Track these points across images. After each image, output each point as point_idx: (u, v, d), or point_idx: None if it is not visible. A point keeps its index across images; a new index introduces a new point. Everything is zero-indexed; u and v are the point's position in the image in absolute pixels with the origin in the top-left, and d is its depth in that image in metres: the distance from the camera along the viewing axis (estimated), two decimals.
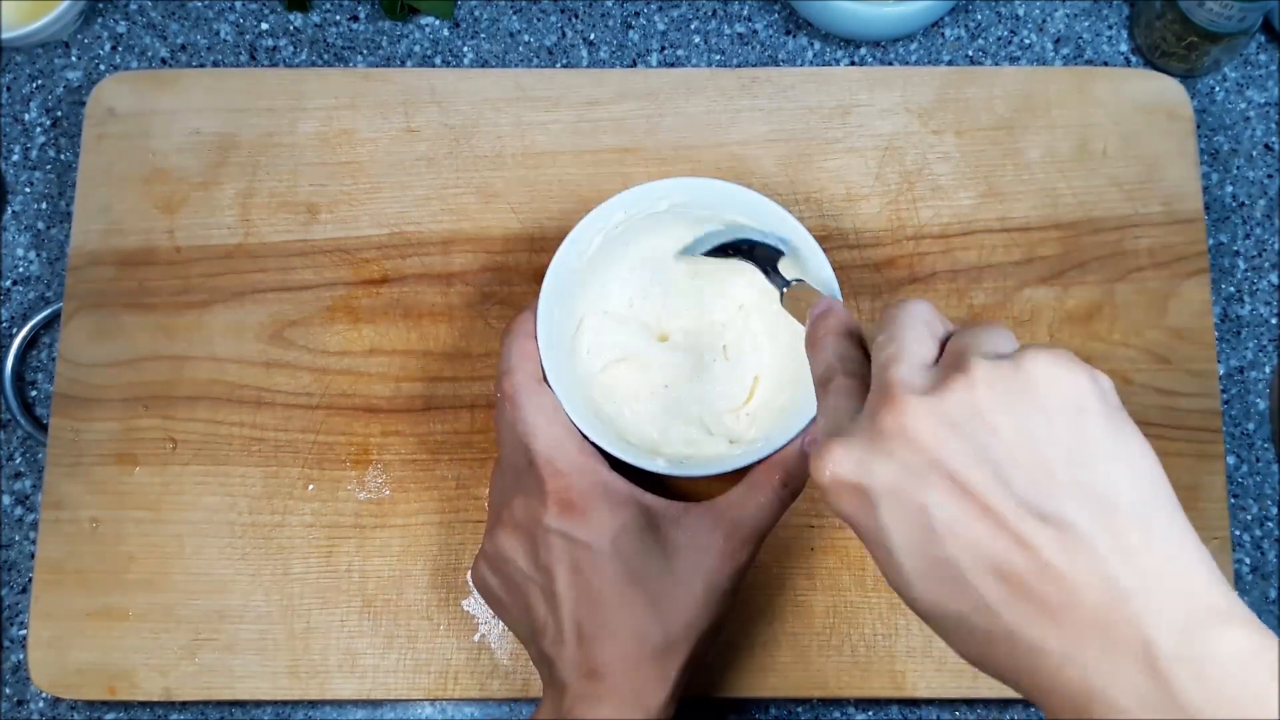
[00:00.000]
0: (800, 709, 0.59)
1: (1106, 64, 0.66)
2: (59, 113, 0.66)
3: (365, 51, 0.66)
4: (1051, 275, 0.60)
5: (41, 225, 0.64)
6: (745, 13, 0.67)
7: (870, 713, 0.59)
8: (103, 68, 0.66)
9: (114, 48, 0.66)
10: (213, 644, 0.56)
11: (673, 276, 0.55)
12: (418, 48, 0.67)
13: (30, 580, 0.58)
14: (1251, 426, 0.62)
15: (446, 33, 0.67)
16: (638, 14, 0.67)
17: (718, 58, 0.66)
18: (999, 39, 0.67)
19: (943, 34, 0.67)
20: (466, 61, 0.66)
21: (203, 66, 0.66)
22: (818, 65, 0.66)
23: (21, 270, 0.64)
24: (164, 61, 0.66)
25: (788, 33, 0.67)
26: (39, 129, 0.65)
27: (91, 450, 0.58)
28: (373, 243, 0.61)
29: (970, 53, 0.67)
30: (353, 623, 0.56)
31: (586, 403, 0.52)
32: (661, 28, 0.67)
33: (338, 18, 0.67)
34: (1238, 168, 0.65)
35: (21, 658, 0.59)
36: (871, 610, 0.56)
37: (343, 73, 0.63)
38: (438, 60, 0.66)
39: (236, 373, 0.59)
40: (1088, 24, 0.67)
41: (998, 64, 0.66)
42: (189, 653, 0.56)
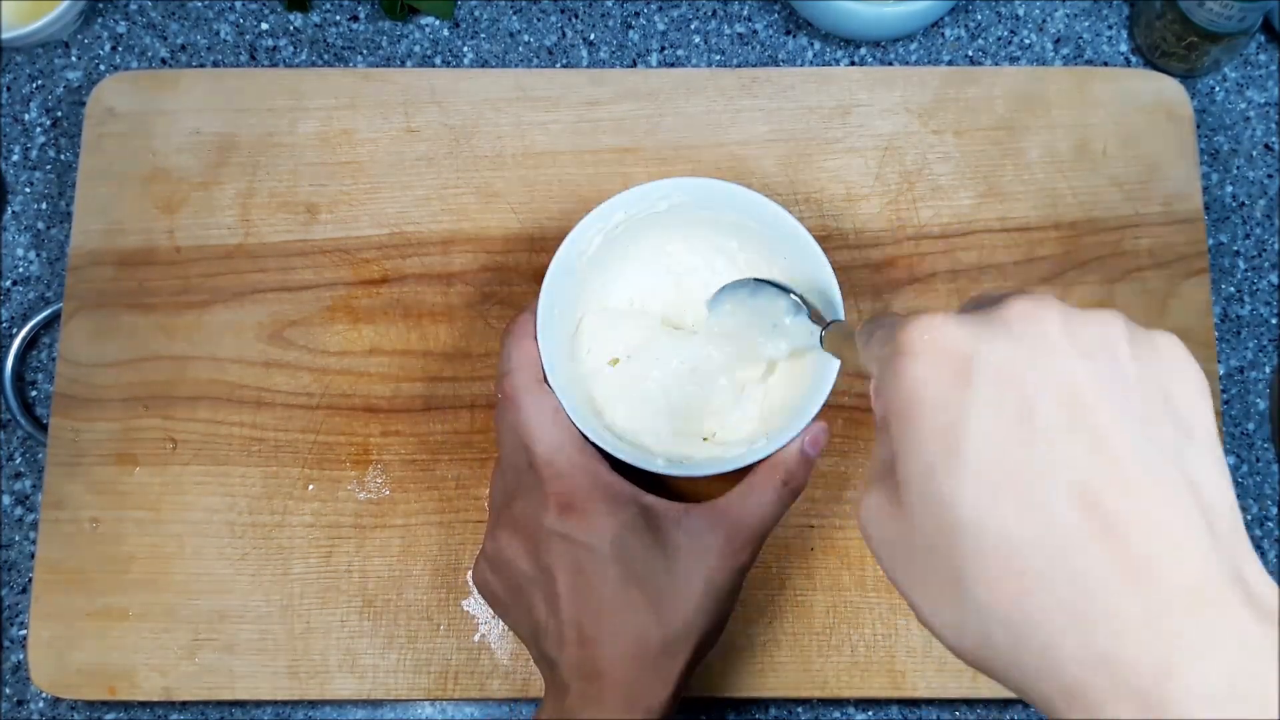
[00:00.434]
0: (800, 709, 0.59)
1: (1106, 64, 0.66)
2: (59, 113, 0.66)
3: (365, 51, 0.66)
4: (1051, 275, 0.60)
5: (41, 225, 0.64)
6: (745, 13, 0.67)
7: (870, 713, 0.59)
8: (103, 68, 0.66)
9: (114, 48, 0.66)
10: (213, 644, 0.56)
11: (675, 276, 0.55)
12: (418, 48, 0.66)
13: (30, 580, 0.58)
14: (1251, 426, 0.62)
15: (446, 33, 0.67)
16: (638, 14, 0.67)
17: (718, 58, 0.66)
18: (999, 39, 0.67)
19: (943, 34, 0.67)
20: (466, 61, 0.66)
21: (203, 66, 0.66)
22: (818, 65, 0.66)
23: (21, 270, 0.64)
24: (164, 61, 0.66)
25: (788, 33, 0.67)
26: (39, 129, 0.65)
27: (91, 450, 0.58)
28: (373, 243, 0.61)
29: (970, 53, 0.67)
30: (353, 623, 0.56)
31: (586, 403, 0.52)
32: (661, 28, 0.67)
33: (338, 18, 0.67)
34: (1238, 168, 0.65)
35: (21, 658, 0.59)
36: (871, 610, 0.56)
37: (343, 73, 0.63)
38: (438, 60, 0.66)
39: (236, 373, 0.59)
40: (1088, 24, 0.67)
41: (998, 64, 0.66)
42: (189, 653, 0.56)
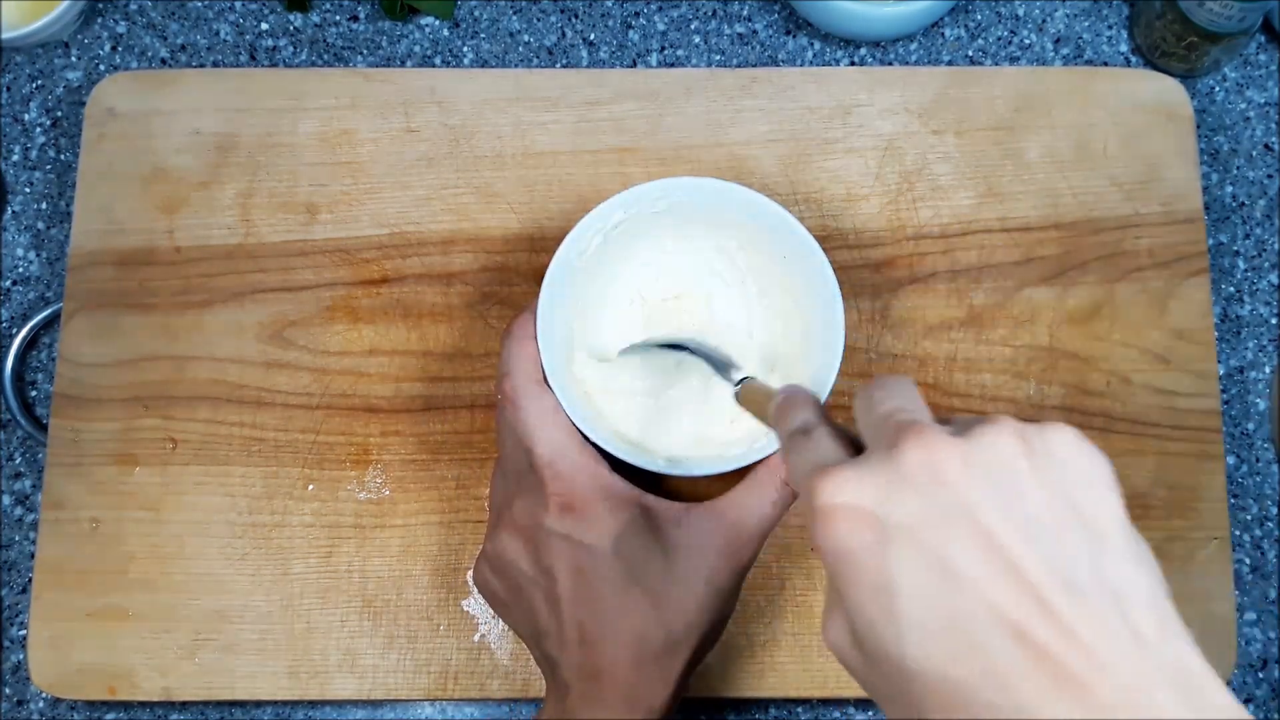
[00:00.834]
0: (800, 709, 0.59)
1: (1106, 64, 0.66)
2: (59, 113, 0.66)
3: (365, 51, 0.66)
4: (1051, 275, 0.60)
5: (41, 225, 0.64)
6: (745, 13, 0.67)
7: (870, 713, 0.59)
8: (103, 68, 0.66)
9: (114, 48, 0.66)
10: (213, 644, 0.56)
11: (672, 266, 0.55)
12: (418, 48, 0.66)
13: (30, 580, 0.58)
14: (1251, 426, 0.62)
15: (446, 33, 0.67)
16: (638, 14, 0.67)
17: (718, 58, 0.66)
18: (999, 39, 0.67)
19: (943, 34, 0.67)
20: (466, 61, 0.66)
21: (203, 66, 0.66)
22: (818, 65, 0.66)
23: (21, 270, 0.64)
24: (164, 61, 0.66)
25: (788, 33, 0.67)
26: (39, 129, 0.65)
27: (91, 450, 0.58)
28: (373, 243, 0.61)
29: (970, 53, 0.67)
30: (353, 623, 0.56)
31: (586, 403, 0.52)
32: (661, 28, 0.67)
33: (338, 18, 0.67)
34: (1238, 168, 0.65)
35: (21, 658, 0.59)
36: None
37: (343, 73, 0.63)
38: (438, 60, 0.66)
39: (236, 373, 0.59)
40: (1088, 24, 0.67)
41: (998, 64, 0.66)
42: (189, 653, 0.56)
